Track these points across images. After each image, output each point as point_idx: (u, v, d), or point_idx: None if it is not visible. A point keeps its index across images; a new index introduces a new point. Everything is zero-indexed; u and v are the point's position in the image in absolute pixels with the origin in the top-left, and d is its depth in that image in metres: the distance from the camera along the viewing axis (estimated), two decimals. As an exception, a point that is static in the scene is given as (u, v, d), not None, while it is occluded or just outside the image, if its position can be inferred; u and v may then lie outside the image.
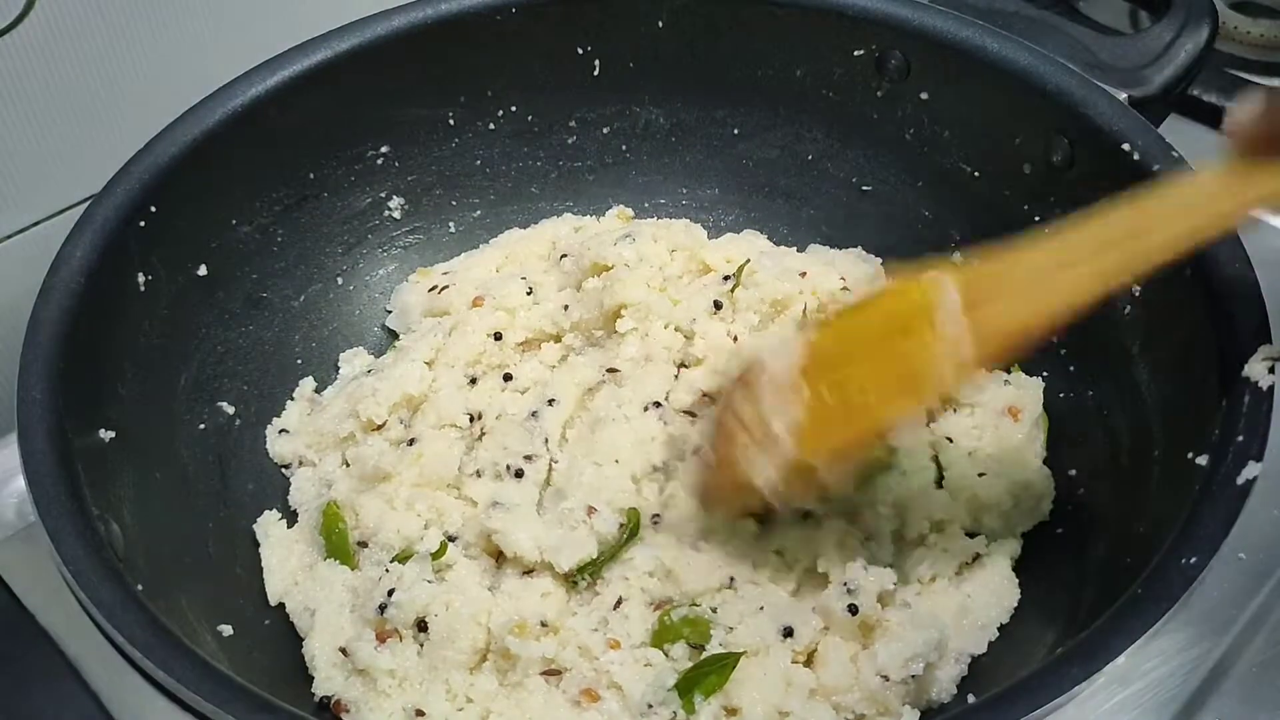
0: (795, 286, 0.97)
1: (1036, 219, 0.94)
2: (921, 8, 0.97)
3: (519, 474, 0.88)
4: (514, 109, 1.06)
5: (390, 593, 0.80)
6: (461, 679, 0.79)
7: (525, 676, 0.78)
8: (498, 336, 0.96)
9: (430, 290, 1.02)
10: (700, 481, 0.84)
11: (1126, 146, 0.84)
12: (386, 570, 0.83)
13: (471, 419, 0.93)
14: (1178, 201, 0.66)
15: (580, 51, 1.04)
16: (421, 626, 0.79)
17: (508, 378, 0.95)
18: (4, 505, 0.84)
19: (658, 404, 0.92)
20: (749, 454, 0.75)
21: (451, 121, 1.04)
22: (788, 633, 0.78)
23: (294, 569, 0.87)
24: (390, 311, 1.05)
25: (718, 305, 0.97)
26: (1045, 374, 0.94)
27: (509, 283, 0.99)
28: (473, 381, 0.95)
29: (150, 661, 0.64)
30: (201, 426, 0.90)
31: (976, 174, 0.98)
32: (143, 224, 0.85)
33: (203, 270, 0.91)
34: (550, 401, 0.91)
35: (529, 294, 0.98)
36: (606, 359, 0.95)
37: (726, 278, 0.99)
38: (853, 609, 0.77)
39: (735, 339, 0.96)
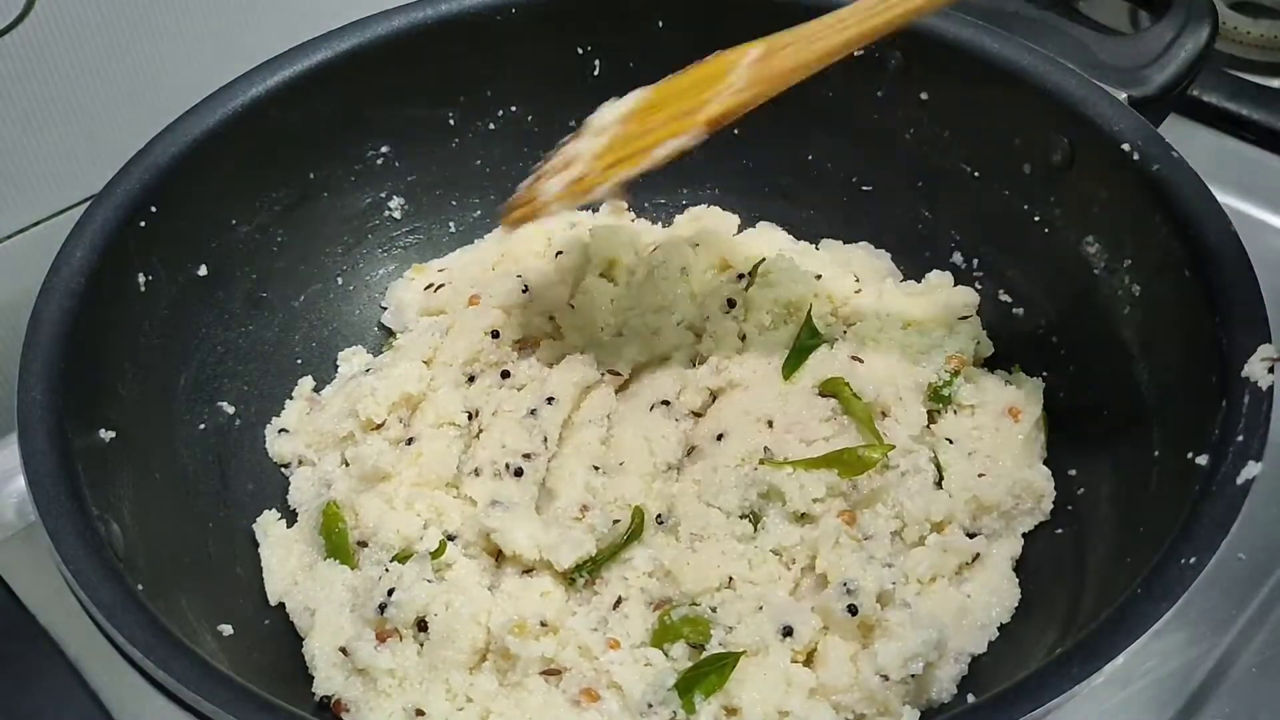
0: (809, 289, 0.97)
1: (1036, 219, 0.94)
2: (921, 8, 0.96)
3: (518, 473, 0.88)
4: (514, 109, 1.06)
5: (390, 592, 0.80)
6: (461, 679, 0.79)
7: (525, 676, 0.78)
8: (495, 335, 0.96)
9: (426, 289, 1.02)
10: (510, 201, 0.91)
11: (1126, 146, 0.84)
12: (386, 570, 0.83)
13: (470, 416, 0.93)
14: None
15: (580, 51, 1.04)
16: (421, 626, 0.79)
17: (505, 375, 0.95)
18: (4, 505, 0.84)
19: (666, 403, 0.92)
20: (549, 178, 0.88)
21: (451, 121, 1.04)
22: (787, 632, 0.78)
23: (294, 569, 0.87)
24: (385, 308, 1.05)
25: (731, 304, 0.97)
26: (1045, 374, 0.94)
27: (505, 280, 0.99)
28: (470, 380, 0.95)
29: (150, 661, 0.64)
30: (201, 426, 0.90)
31: (976, 174, 0.98)
32: (143, 224, 0.85)
33: (203, 270, 0.91)
34: (549, 400, 0.91)
35: (525, 291, 0.98)
36: (607, 356, 0.95)
37: (741, 275, 0.99)
38: (852, 609, 0.77)
39: (743, 337, 0.96)
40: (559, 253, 1.02)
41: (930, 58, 0.96)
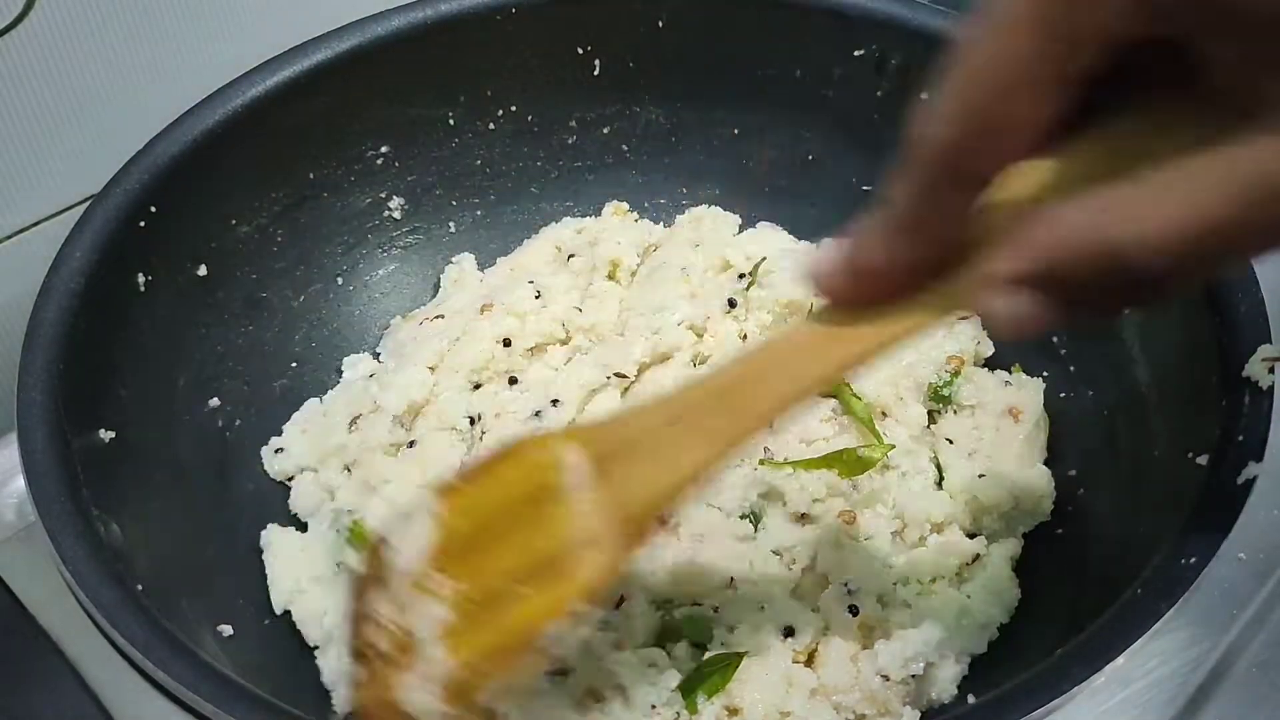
0: (810, 289, 0.97)
1: (1036, 219, 0.94)
2: (921, 8, 0.96)
3: (519, 474, 0.87)
4: (514, 109, 1.06)
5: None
6: (462, 679, 0.78)
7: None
8: (507, 343, 0.96)
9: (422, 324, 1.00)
10: (358, 704, 0.62)
11: (1126, 147, 0.84)
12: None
13: (472, 421, 0.93)
14: (777, 365, 0.61)
15: (580, 51, 1.04)
16: (422, 627, 0.79)
17: (513, 381, 0.95)
18: (4, 505, 0.84)
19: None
20: (399, 672, 0.60)
21: (451, 121, 1.04)
22: (788, 633, 0.78)
23: (299, 577, 0.86)
24: (379, 355, 1.02)
25: (732, 304, 0.97)
26: (1045, 374, 0.94)
27: (517, 287, 0.99)
28: (476, 387, 0.95)
29: (150, 661, 0.64)
30: (201, 427, 0.90)
31: (976, 174, 0.98)
32: (143, 224, 0.85)
33: (203, 270, 0.91)
34: (554, 402, 0.91)
35: (538, 298, 0.98)
36: (612, 358, 0.95)
37: (741, 275, 0.99)
38: (853, 609, 0.77)
39: (744, 337, 0.96)
40: (570, 256, 1.02)
41: (930, 58, 0.96)
